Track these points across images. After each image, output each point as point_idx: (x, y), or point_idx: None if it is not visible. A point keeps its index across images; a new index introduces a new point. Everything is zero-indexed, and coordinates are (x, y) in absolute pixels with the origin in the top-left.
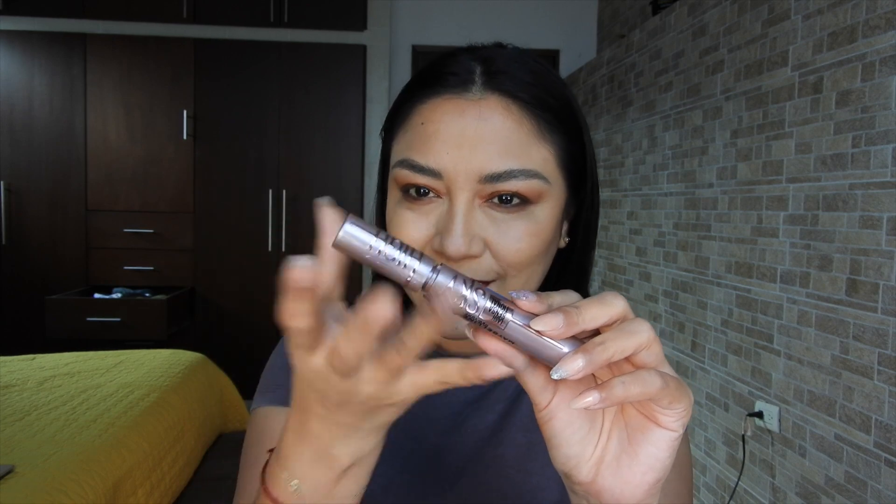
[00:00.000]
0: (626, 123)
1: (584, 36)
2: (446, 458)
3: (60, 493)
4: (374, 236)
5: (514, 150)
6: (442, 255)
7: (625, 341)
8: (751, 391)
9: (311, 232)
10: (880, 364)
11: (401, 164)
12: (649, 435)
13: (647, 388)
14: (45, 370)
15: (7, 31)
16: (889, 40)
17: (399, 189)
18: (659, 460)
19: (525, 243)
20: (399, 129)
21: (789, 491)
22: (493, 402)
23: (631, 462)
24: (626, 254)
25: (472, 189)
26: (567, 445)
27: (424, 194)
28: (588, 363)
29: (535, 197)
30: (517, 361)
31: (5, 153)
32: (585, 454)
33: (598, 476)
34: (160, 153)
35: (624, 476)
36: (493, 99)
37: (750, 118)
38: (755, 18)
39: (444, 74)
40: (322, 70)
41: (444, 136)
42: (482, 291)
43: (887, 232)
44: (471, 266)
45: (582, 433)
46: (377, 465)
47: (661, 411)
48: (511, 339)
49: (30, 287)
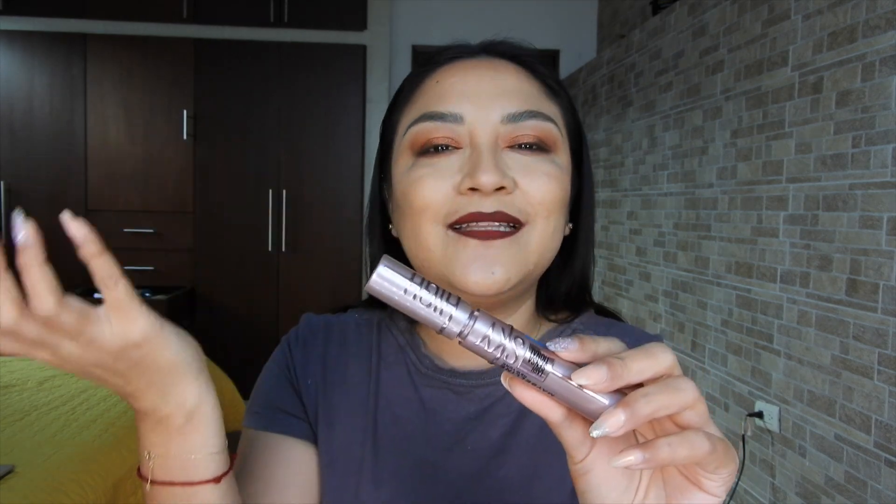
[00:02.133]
0: (626, 123)
1: (584, 36)
2: (446, 477)
3: (60, 493)
4: (410, 280)
5: (529, 97)
6: (472, 192)
7: (670, 397)
8: (751, 391)
9: (312, 232)
10: (880, 364)
11: (419, 120)
12: (690, 497)
13: (694, 452)
14: (45, 370)
15: (7, 31)
16: (889, 40)
17: (413, 153)
18: None
19: (552, 184)
20: (407, 103)
21: (789, 491)
22: (496, 417)
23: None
24: (626, 254)
25: (495, 130)
26: (601, 500)
27: (444, 149)
28: (630, 419)
29: (553, 144)
30: (555, 414)
31: (5, 153)
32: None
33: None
34: (160, 153)
35: None
36: (502, 61)
37: (750, 118)
38: (755, 18)
39: (449, 50)
40: (322, 70)
41: (460, 88)
42: (521, 340)
43: (887, 232)
44: (503, 200)
45: (618, 491)
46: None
47: (705, 475)
48: (550, 390)
49: None
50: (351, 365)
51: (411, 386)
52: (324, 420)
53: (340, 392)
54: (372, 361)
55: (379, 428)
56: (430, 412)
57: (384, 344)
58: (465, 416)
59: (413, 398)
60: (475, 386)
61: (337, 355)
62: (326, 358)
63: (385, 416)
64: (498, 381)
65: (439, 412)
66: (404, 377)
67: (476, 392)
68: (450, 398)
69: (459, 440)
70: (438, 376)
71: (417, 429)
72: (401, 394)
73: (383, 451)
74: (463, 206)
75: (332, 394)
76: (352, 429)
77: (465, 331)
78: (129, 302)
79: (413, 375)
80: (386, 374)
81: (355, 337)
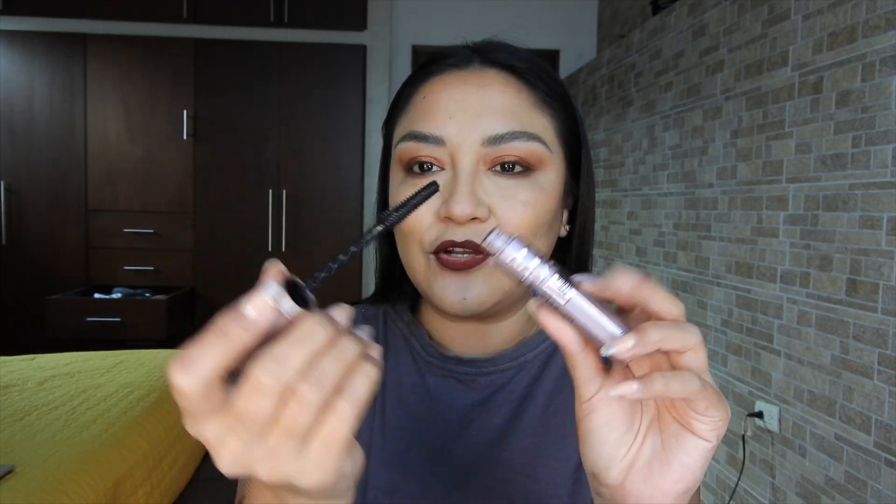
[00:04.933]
0: (626, 123)
1: (584, 36)
2: (451, 461)
3: (60, 493)
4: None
5: (514, 115)
6: (448, 220)
7: (677, 333)
8: (751, 391)
9: (312, 232)
10: (880, 364)
11: (404, 138)
12: (683, 443)
13: (686, 387)
14: (45, 370)
15: (7, 31)
16: (889, 40)
17: (402, 168)
18: (691, 470)
19: (530, 209)
20: (400, 114)
21: (789, 491)
22: (499, 405)
23: (662, 469)
24: (626, 254)
25: (476, 153)
26: (602, 444)
27: (428, 169)
28: (639, 343)
29: (537, 163)
30: (572, 342)
31: (5, 153)
32: (619, 454)
33: (627, 480)
34: (160, 153)
35: (654, 482)
36: (492, 71)
37: (750, 118)
38: (755, 18)
39: (442, 59)
40: (322, 70)
41: (445, 105)
42: (549, 266)
43: (887, 232)
44: (476, 229)
45: (619, 433)
46: (383, 473)
47: (696, 418)
48: (570, 315)
49: (30, 287)
50: None
51: (417, 373)
52: None
53: None
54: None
55: (387, 411)
56: (435, 399)
57: (390, 334)
58: (468, 404)
59: (419, 384)
60: (478, 374)
61: None
62: None
63: (392, 401)
64: (501, 370)
65: (444, 400)
66: (410, 364)
67: (479, 380)
68: (454, 386)
69: (464, 426)
70: (443, 364)
71: (423, 414)
72: (407, 380)
73: (391, 433)
74: (440, 233)
75: None
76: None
77: (501, 247)
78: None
79: (419, 363)
80: (393, 360)
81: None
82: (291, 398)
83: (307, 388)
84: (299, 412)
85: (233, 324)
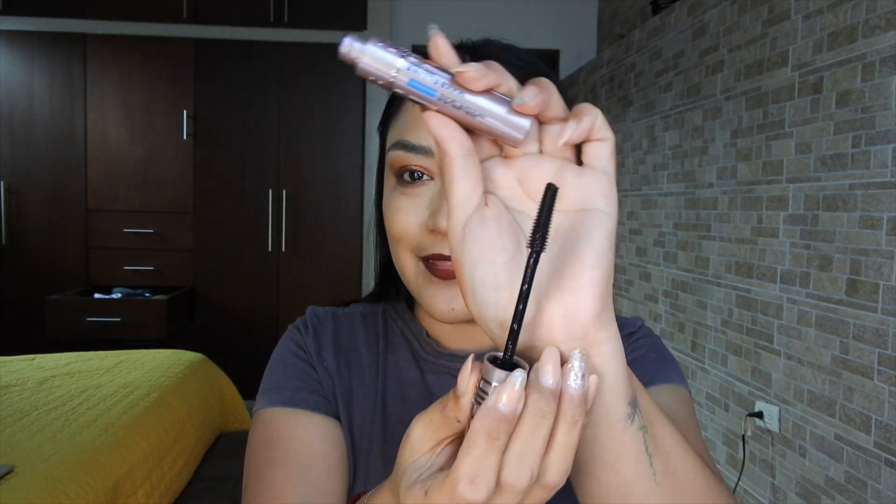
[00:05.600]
0: (626, 123)
1: (584, 36)
2: None
3: (60, 493)
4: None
5: None
6: (436, 233)
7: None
8: (751, 391)
9: (312, 232)
10: (880, 364)
11: (395, 146)
12: (584, 176)
13: (596, 116)
14: (45, 370)
15: (7, 31)
16: (889, 40)
17: (394, 175)
18: (597, 243)
19: None
20: (393, 119)
21: (789, 491)
22: None
23: (572, 264)
24: (626, 254)
25: None
26: (492, 274)
27: (418, 178)
28: (542, 92)
29: None
30: (456, 139)
31: (5, 153)
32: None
33: (539, 302)
34: (160, 153)
35: (567, 284)
36: None
37: (750, 118)
38: (755, 18)
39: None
40: (322, 70)
41: None
42: (418, 58)
43: (887, 232)
44: None
45: (508, 254)
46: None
47: (593, 145)
48: (457, 115)
49: (30, 287)
50: (361, 349)
51: (417, 369)
52: (342, 400)
53: (353, 373)
54: (379, 346)
55: (388, 406)
56: (434, 395)
57: (389, 331)
58: None
59: (418, 380)
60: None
61: (347, 341)
62: (338, 342)
63: (393, 396)
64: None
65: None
66: (409, 361)
67: None
68: (450, 382)
69: None
70: (439, 361)
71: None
72: (407, 376)
73: (392, 428)
74: (429, 244)
75: (345, 375)
76: (364, 408)
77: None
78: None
79: (417, 360)
80: (392, 357)
81: (362, 325)
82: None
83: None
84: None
85: (501, 426)
